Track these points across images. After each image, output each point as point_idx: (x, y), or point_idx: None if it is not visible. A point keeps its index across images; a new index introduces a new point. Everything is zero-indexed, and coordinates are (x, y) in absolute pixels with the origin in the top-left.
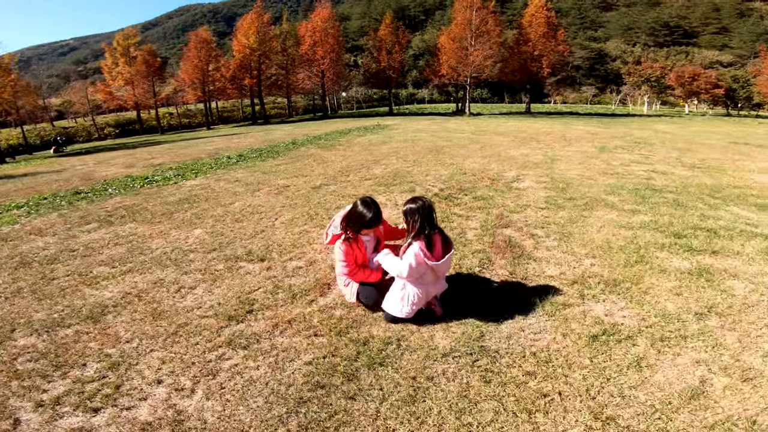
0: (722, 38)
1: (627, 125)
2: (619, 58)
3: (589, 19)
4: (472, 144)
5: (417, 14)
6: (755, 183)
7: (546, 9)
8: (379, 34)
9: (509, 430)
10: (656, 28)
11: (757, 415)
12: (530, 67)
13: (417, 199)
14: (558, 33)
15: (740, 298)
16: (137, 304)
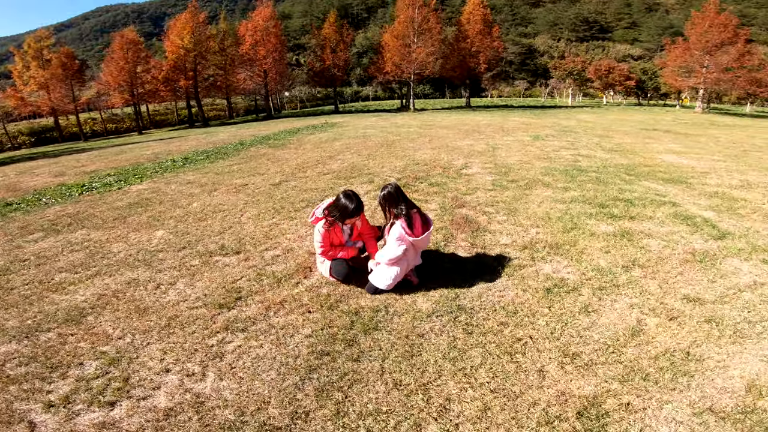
0: (633, 32)
1: (555, 116)
2: (546, 53)
3: (520, 15)
4: (420, 137)
5: (360, 12)
6: (662, 162)
7: (482, 6)
8: (324, 33)
9: (497, 369)
10: (577, 24)
11: (688, 347)
12: (469, 63)
13: (385, 187)
14: (493, 30)
15: (656, 253)
16: (117, 304)
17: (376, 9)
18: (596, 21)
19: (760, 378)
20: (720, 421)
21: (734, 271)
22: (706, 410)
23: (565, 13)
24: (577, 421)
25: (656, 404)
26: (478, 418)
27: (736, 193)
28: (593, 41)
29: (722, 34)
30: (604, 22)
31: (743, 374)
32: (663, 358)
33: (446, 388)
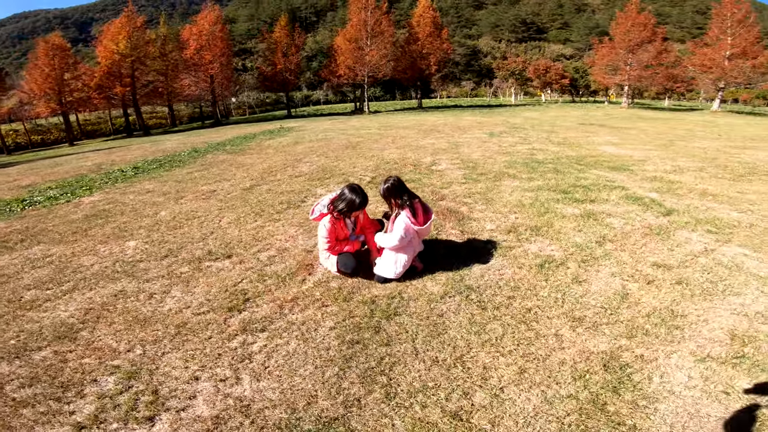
0: (565, 33)
1: (503, 114)
2: (489, 54)
3: (465, 17)
4: (383, 138)
5: (308, 16)
6: (604, 152)
7: (432, 9)
8: (274, 36)
9: (519, 337)
10: (516, 25)
11: (670, 305)
12: (420, 65)
13: (388, 179)
14: (442, 32)
15: (619, 229)
16: (110, 316)
17: (326, 12)
18: (533, 22)
19: (737, 329)
20: (721, 366)
21: (686, 241)
22: (707, 357)
23: (506, 15)
24: (606, 373)
25: (664, 355)
26: (519, 381)
27: (671, 176)
28: (531, 42)
29: (642, 33)
30: (540, 23)
31: (722, 326)
32: (654, 316)
33: (480, 358)
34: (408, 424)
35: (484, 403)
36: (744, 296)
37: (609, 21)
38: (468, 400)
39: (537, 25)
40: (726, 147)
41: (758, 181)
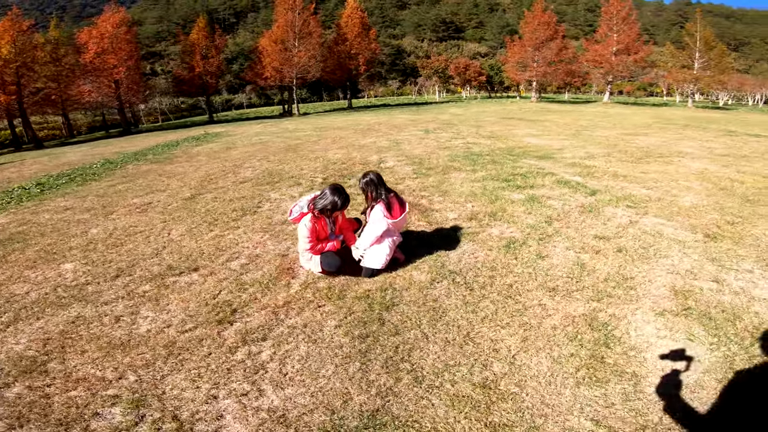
0: (480, 32)
1: (431, 111)
2: (413, 53)
3: (389, 17)
4: (322, 140)
5: (227, 17)
6: (529, 143)
7: (360, 10)
8: (191, 38)
9: (510, 310)
10: (437, 25)
11: (618, 270)
12: (349, 65)
13: (367, 174)
14: (370, 32)
15: (560, 209)
16: (78, 345)
17: (246, 14)
18: (452, 21)
19: (676, 285)
20: (677, 317)
21: (614, 215)
22: (663, 311)
23: (427, 15)
24: (593, 332)
25: (630, 312)
26: (525, 348)
27: (586, 162)
28: (450, 41)
29: (546, 31)
30: (458, 23)
31: (664, 284)
32: (610, 281)
33: (484, 333)
34: (445, 401)
35: (504, 371)
36: (671, 258)
37: (518, 20)
38: (489, 371)
39: (456, 24)
40: (622, 134)
41: (654, 163)
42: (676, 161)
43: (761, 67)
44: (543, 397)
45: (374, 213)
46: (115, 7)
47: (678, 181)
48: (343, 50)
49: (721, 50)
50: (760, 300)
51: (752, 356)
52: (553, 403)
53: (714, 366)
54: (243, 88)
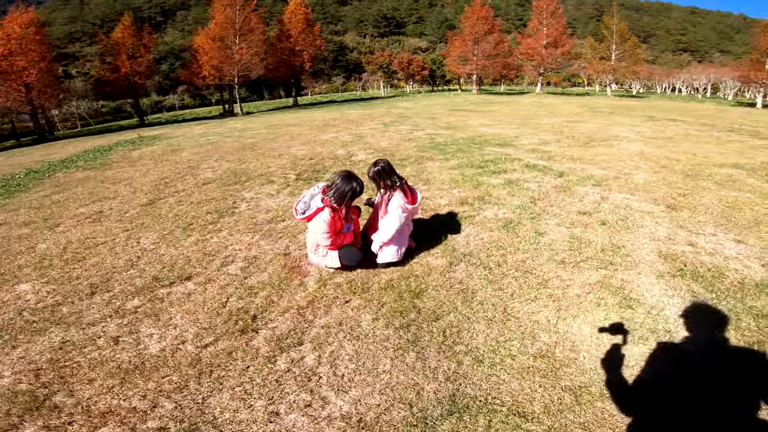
0: (420, 27)
1: (381, 106)
2: (355, 49)
3: (330, 14)
4: (279, 137)
5: (154, 15)
6: (486, 132)
7: (304, 6)
8: (115, 37)
9: (533, 284)
10: (379, 20)
11: (609, 240)
12: (293, 62)
13: (378, 162)
14: (315, 28)
15: (538, 190)
16: (82, 373)
17: (175, 12)
18: (393, 17)
19: (661, 250)
20: (674, 278)
21: (585, 193)
22: (661, 274)
23: (369, 11)
24: (613, 296)
25: (636, 277)
26: (562, 316)
27: (543, 147)
28: (391, 36)
29: (484, 25)
30: (399, 18)
31: (651, 250)
32: (607, 251)
33: (519, 308)
34: (514, 375)
35: (554, 340)
36: (648, 227)
37: (456, 15)
38: (540, 342)
39: (396, 19)
40: (563, 122)
41: (599, 146)
42: (616, 144)
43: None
44: (598, 358)
45: (393, 201)
46: (23, 8)
47: (625, 161)
48: (286, 47)
49: (633, 42)
50: (732, 258)
51: (750, 307)
52: (611, 362)
53: (722, 318)
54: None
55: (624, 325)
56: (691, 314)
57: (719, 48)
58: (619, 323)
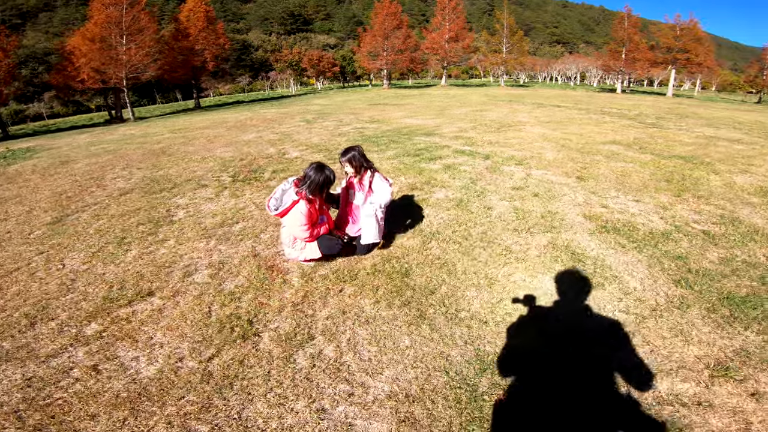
0: (328, 24)
1: (296, 104)
2: (261, 47)
3: (232, 11)
4: (193, 140)
5: (10, 18)
6: (410, 123)
7: (204, 3)
8: None
9: (499, 251)
10: (285, 18)
11: (545, 209)
12: (193, 62)
13: (354, 147)
14: (218, 26)
15: (472, 172)
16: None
17: (36, 13)
18: (300, 14)
19: (585, 213)
20: (605, 234)
21: (512, 172)
22: (593, 231)
23: (275, 8)
24: (564, 253)
25: (577, 237)
26: (533, 274)
27: (463, 134)
28: (299, 33)
29: (393, 21)
30: (306, 15)
31: (576, 214)
32: (546, 217)
33: (497, 271)
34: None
35: (536, 293)
36: (568, 195)
37: (364, 11)
38: (523, 293)
39: (304, 16)
40: (473, 111)
41: (509, 131)
42: (522, 129)
43: (544, 49)
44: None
45: (378, 180)
46: None
47: (532, 143)
48: (184, 46)
49: (520, 36)
50: (637, 215)
51: (665, 252)
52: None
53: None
54: (39, 95)
55: (582, 274)
56: (626, 261)
57: (584, 39)
58: (579, 274)
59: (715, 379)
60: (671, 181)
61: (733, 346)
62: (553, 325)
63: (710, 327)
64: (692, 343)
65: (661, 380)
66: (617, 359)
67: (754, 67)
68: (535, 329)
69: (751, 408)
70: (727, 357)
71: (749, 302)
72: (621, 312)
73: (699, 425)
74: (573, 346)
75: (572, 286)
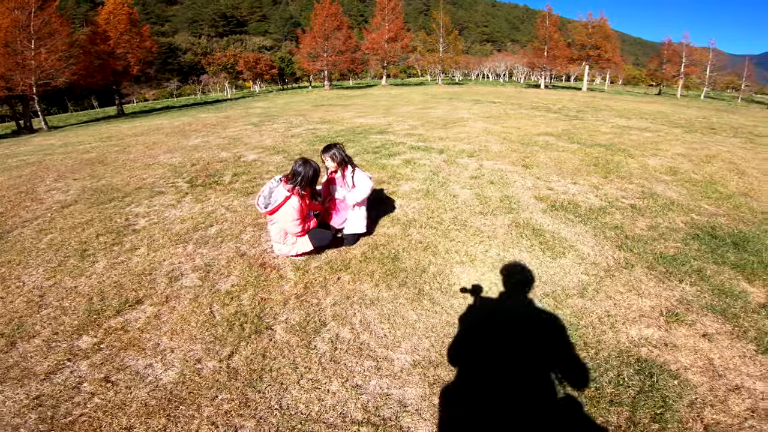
0: (264, 25)
1: (234, 108)
2: (189, 50)
3: (155, 14)
4: (129, 147)
5: None
6: (362, 123)
7: (127, 6)
8: None
9: (472, 232)
10: (216, 20)
11: (502, 194)
12: (114, 66)
13: (335, 144)
14: (143, 29)
15: (430, 165)
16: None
17: None
18: (233, 15)
19: (537, 195)
20: (554, 211)
21: (466, 163)
22: (545, 210)
23: (205, 10)
24: (526, 229)
25: (530, 214)
26: (505, 248)
27: (415, 132)
28: (232, 35)
29: (334, 22)
30: (240, 17)
31: (530, 196)
32: (505, 201)
33: (474, 249)
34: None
35: (513, 265)
36: (518, 181)
37: (301, 12)
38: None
39: (237, 18)
40: (418, 109)
41: (455, 127)
42: (466, 124)
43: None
44: (539, 268)
45: (358, 174)
46: None
47: (478, 137)
48: (103, 50)
49: (455, 35)
50: (577, 194)
51: (604, 223)
52: (547, 270)
53: (593, 230)
54: None
55: (546, 245)
56: (577, 233)
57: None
58: (544, 246)
59: (671, 324)
60: (598, 165)
61: (675, 297)
62: (535, 287)
63: (654, 282)
64: (644, 296)
65: (630, 327)
66: (593, 311)
67: (654, 61)
68: (520, 293)
69: (707, 347)
70: (674, 306)
71: (678, 260)
72: (583, 274)
73: (673, 362)
74: (554, 300)
75: (541, 257)
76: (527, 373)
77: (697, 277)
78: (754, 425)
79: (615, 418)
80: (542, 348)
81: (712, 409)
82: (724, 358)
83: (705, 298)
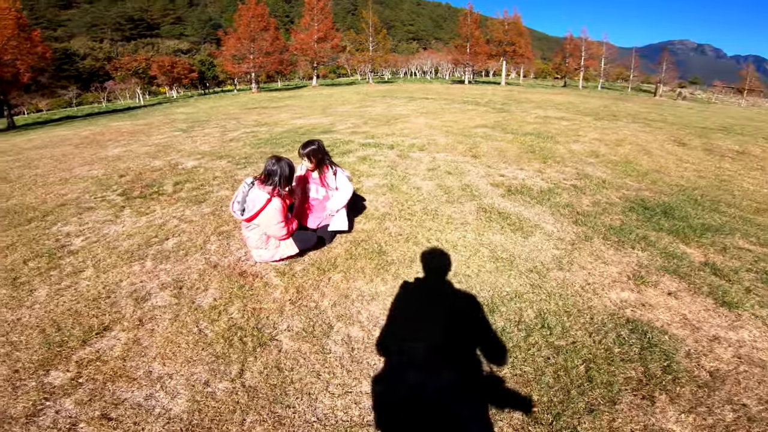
0: (179, 28)
1: (151, 115)
2: (89, 56)
3: (46, 18)
4: (36, 162)
5: None
6: (304, 124)
7: (15, 10)
8: None
9: (444, 220)
10: (121, 23)
11: (462, 183)
12: (2, 74)
13: (314, 141)
14: (33, 34)
15: (386, 160)
16: None
17: None
18: (142, 18)
19: (491, 182)
20: (511, 195)
21: (420, 156)
22: (504, 194)
23: (107, 13)
24: (493, 213)
25: (492, 199)
26: (480, 232)
27: (360, 130)
28: (141, 39)
29: (260, 23)
30: (150, 20)
31: (487, 183)
32: (465, 189)
33: (451, 236)
34: (491, 274)
35: (490, 247)
36: (473, 171)
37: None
38: (484, 252)
39: (147, 21)
40: (355, 108)
41: (398, 123)
42: (407, 120)
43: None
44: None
45: (340, 176)
46: None
47: (422, 131)
48: None
49: (384, 34)
50: (527, 179)
51: (557, 203)
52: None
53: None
54: None
55: (514, 227)
56: (537, 213)
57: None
58: (514, 227)
59: (640, 287)
60: (534, 152)
61: (634, 262)
62: (519, 265)
63: (612, 250)
64: (609, 264)
65: (609, 292)
66: (574, 281)
67: (558, 55)
68: (507, 271)
69: (676, 304)
70: (636, 270)
71: (625, 230)
72: (554, 249)
73: (656, 320)
74: (537, 275)
75: (513, 237)
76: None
77: (645, 244)
78: (746, 370)
79: (633, 373)
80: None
81: (706, 358)
82: (694, 313)
83: (657, 261)
